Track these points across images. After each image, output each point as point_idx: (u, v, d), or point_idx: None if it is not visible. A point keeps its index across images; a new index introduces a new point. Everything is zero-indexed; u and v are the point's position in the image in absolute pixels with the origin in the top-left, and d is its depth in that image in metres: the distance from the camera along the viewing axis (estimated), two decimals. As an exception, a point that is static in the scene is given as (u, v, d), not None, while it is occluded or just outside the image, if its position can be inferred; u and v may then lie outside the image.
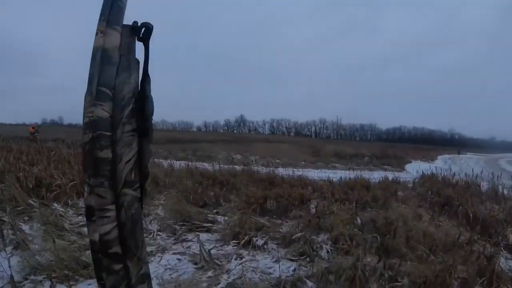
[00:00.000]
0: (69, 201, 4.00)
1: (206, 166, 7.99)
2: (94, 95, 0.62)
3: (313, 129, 79.53)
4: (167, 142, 24.52)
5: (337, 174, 8.23)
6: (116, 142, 0.64)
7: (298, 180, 6.28)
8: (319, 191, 5.37)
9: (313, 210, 4.14)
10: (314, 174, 8.65)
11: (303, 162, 16.03)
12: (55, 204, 3.63)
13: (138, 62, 0.70)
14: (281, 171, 7.77)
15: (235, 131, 64.02)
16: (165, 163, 8.08)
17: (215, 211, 4.23)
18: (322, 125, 79.12)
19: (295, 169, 8.94)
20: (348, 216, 3.50)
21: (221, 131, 64.02)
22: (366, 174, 8.22)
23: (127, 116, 0.66)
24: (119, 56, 0.65)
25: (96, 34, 0.64)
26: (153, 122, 0.72)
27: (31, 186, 4.15)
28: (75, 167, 5.22)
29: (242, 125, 69.91)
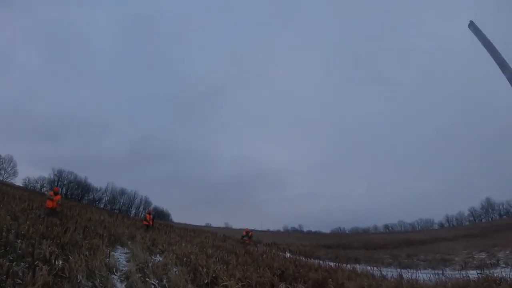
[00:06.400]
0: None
1: (427, 277, 6.54)
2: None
3: None
4: (397, 246, 22.91)
5: None
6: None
7: None
8: None
9: None
10: None
11: None
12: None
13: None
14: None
15: (483, 220, 48.51)
16: (377, 271, 7.23)
17: None
18: None
19: None
20: None
21: (467, 223, 50.57)
22: None
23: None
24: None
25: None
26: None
27: (206, 281, 4.15)
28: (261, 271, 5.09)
29: (490, 210, 51.65)
